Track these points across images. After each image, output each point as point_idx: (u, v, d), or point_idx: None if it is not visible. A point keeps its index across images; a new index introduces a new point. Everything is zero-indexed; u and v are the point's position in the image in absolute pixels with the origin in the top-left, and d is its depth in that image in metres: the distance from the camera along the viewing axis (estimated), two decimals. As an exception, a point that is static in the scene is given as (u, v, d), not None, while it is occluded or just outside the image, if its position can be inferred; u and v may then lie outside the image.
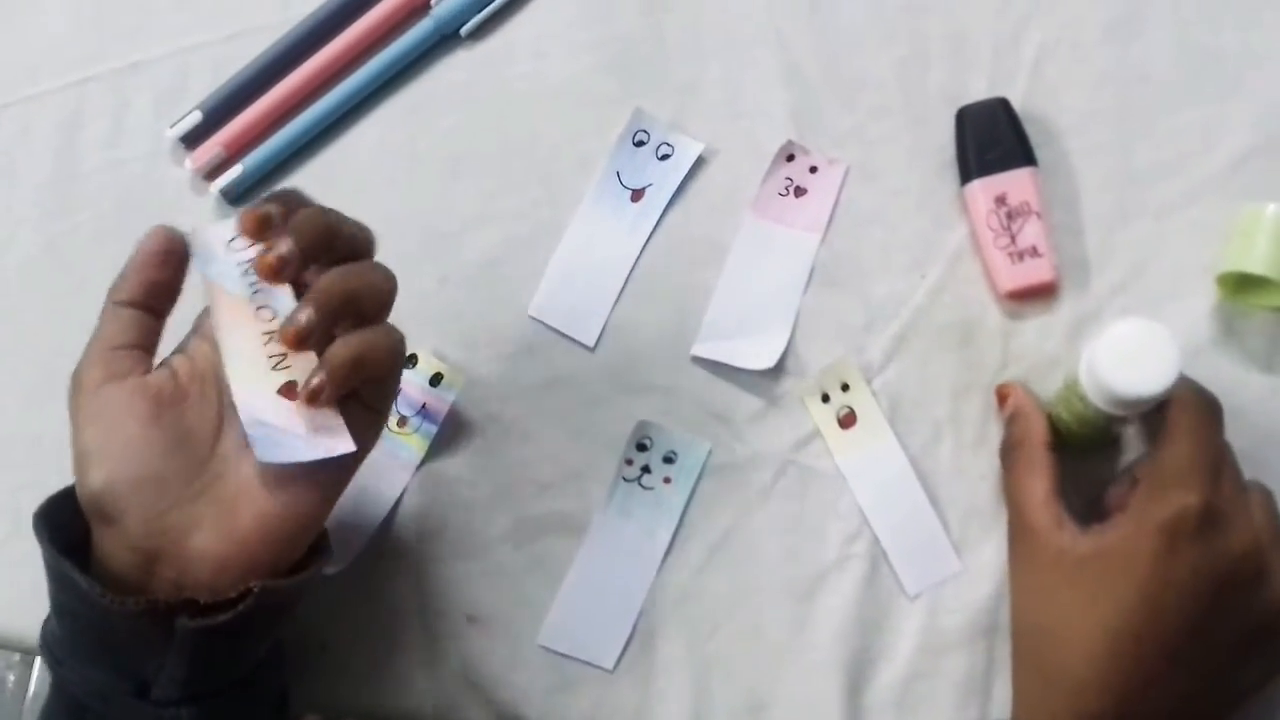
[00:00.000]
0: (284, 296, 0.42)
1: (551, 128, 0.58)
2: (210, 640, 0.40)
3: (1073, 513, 0.46)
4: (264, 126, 0.58)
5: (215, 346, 0.41)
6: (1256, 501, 0.44)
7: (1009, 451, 0.49)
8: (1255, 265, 0.50)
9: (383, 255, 0.56)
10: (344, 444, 0.41)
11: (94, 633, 0.41)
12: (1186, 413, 0.44)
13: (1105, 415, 0.45)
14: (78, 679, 0.42)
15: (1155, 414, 0.45)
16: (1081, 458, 0.48)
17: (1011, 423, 0.49)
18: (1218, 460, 0.44)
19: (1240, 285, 0.52)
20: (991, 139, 0.54)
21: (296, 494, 0.41)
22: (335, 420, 0.41)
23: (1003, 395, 0.51)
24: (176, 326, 0.44)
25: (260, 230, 0.41)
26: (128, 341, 0.42)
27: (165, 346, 0.43)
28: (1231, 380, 0.51)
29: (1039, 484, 0.46)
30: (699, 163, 0.56)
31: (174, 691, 0.40)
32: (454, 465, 0.54)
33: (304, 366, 0.40)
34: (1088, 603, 0.43)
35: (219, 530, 0.40)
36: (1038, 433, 0.48)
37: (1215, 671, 0.43)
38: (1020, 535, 0.47)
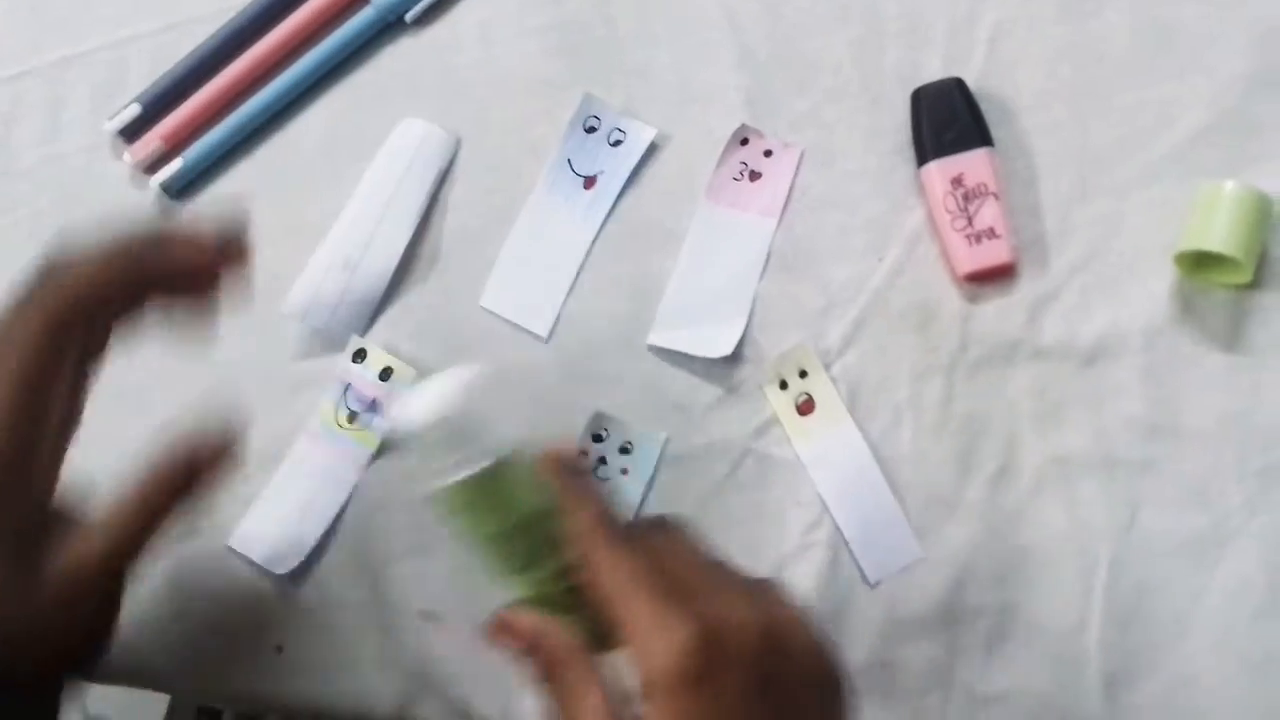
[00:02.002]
0: None
1: (501, 115, 0.57)
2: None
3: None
4: (204, 119, 0.56)
5: None
6: (741, 586, 0.38)
7: (546, 685, 0.39)
8: (1213, 243, 0.49)
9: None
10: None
11: None
12: (598, 549, 0.38)
13: (515, 497, 0.40)
14: None
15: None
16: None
17: (532, 654, 0.39)
18: (682, 576, 0.37)
19: (1199, 263, 0.51)
20: (947, 120, 0.53)
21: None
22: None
23: (504, 627, 0.40)
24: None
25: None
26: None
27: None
28: (1192, 358, 0.51)
29: (592, 701, 0.37)
30: (652, 148, 0.55)
31: None
32: (406, 460, 0.52)
33: None
34: None
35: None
36: (565, 644, 0.39)
37: None
38: None
